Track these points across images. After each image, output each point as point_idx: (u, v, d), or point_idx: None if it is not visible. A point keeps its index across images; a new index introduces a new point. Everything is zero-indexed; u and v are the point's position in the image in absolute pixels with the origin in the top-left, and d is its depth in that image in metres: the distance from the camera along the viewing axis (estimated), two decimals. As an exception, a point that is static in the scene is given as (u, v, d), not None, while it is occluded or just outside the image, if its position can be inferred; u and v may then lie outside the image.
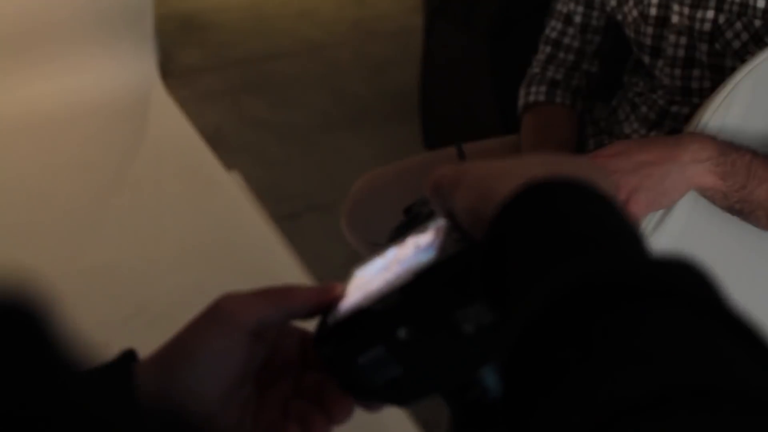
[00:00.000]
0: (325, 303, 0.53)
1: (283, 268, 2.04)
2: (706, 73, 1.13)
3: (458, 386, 0.49)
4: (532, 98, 1.33)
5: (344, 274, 2.14)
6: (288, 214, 2.20)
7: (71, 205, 2.19)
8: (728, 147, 0.96)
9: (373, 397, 0.51)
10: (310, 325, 0.56)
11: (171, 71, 2.70)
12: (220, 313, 0.51)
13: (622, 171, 0.94)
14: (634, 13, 1.18)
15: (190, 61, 2.80)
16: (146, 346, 2.10)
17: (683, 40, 1.13)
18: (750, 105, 0.95)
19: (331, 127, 2.56)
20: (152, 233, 2.11)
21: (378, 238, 1.59)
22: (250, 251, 2.12)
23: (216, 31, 2.94)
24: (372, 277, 0.52)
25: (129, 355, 0.52)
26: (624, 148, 0.96)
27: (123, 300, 1.94)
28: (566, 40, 1.33)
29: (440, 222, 0.51)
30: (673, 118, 1.19)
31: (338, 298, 0.53)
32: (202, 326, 0.51)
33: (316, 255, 2.06)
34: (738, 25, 1.07)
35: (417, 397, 0.50)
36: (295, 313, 0.53)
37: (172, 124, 2.45)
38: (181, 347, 0.51)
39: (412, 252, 0.51)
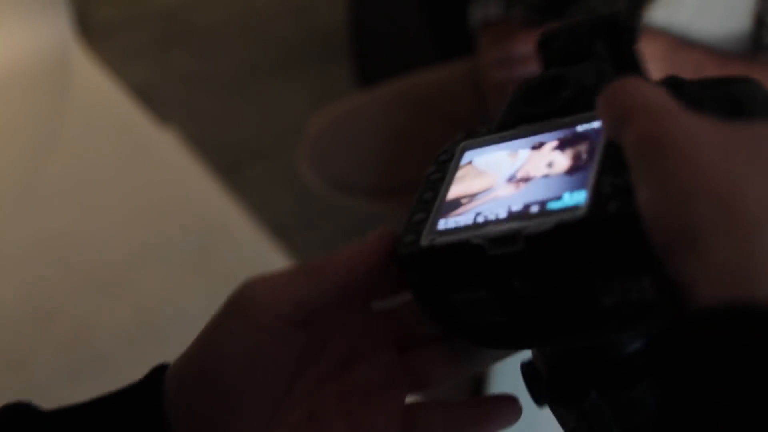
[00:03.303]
0: (377, 263, 0.40)
1: (230, 219, 2.02)
2: None
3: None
4: (492, 12, 1.26)
5: (293, 220, 2.11)
6: (228, 165, 2.16)
7: (2, 175, 2.11)
8: (678, 44, 0.94)
9: (464, 336, 0.40)
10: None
11: (90, 29, 2.60)
12: (243, 304, 0.39)
13: None
14: None
15: (109, 17, 2.70)
16: (101, 311, 2.06)
17: None
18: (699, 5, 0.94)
19: (261, 73, 2.51)
20: (91, 196, 2.05)
21: (341, 175, 1.56)
22: (194, 206, 2.09)
23: (129, -14, 2.85)
24: (488, 178, 0.40)
25: (159, 369, 0.40)
26: None
27: (71, 266, 1.90)
28: None
29: (596, 137, 0.38)
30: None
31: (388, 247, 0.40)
32: (225, 324, 0.39)
33: (262, 204, 2.04)
34: None
35: (518, 347, 0.40)
36: (343, 286, 0.39)
37: (96, 83, 2.38)
38: (205, 353, 0.39)
39: (546, 172, 0.38)
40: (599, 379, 0.38)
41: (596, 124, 0.38)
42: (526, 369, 0.41)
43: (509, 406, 0.42)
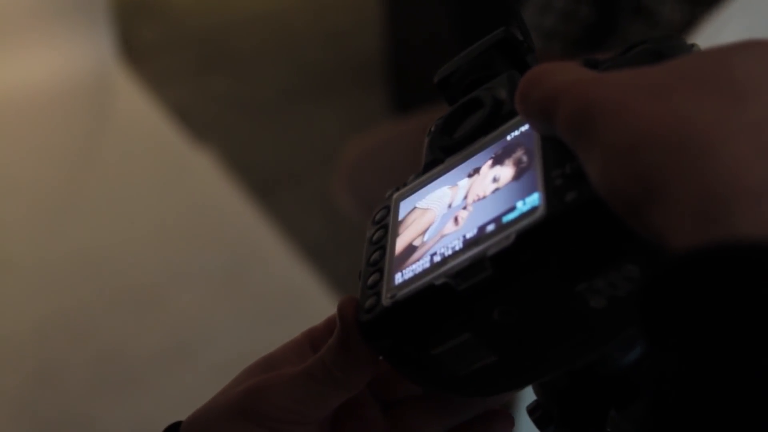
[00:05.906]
0: (348, 338, 0.37)
1: (263, 241, 2.03)
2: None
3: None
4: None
5: (325, 242, 2.12)
6: (262, 187, 2.18)
7: (41, 193, 2.15)
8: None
9: (454, 390, 0.37)
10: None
11: (131, 50, 2.65)
12: (253, 407, 0.39)
13: None
14: None
15: (151, 39, 2.75)
16: (133, 330, 2.08)
17: None
18: (744, 34, 0.94)
19: (297, 97, 2.53)
20: (127, 215, 2.08)
21: (377, 200, 1.56)
22: (227, 228, 2.11)
23: (172, 8, 2.89)
24: (430, 219, 0.37)
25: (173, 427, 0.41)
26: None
27: (105, 284, 1.92)
28: None
29: (528, 139, 0.35)
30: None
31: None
32: (233, 415, 0.39)
33: (295, 226, 2.05)
34: None
35: (515, 386, 0.37)
36: (342, 384, 0.38)
37: (136, 104, 2.42)
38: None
39: (490, 187, 0.35)
40: (613, 397, 0.36)
41: (524, 128, 0.36)
42: (534, 412, 0.39)
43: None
